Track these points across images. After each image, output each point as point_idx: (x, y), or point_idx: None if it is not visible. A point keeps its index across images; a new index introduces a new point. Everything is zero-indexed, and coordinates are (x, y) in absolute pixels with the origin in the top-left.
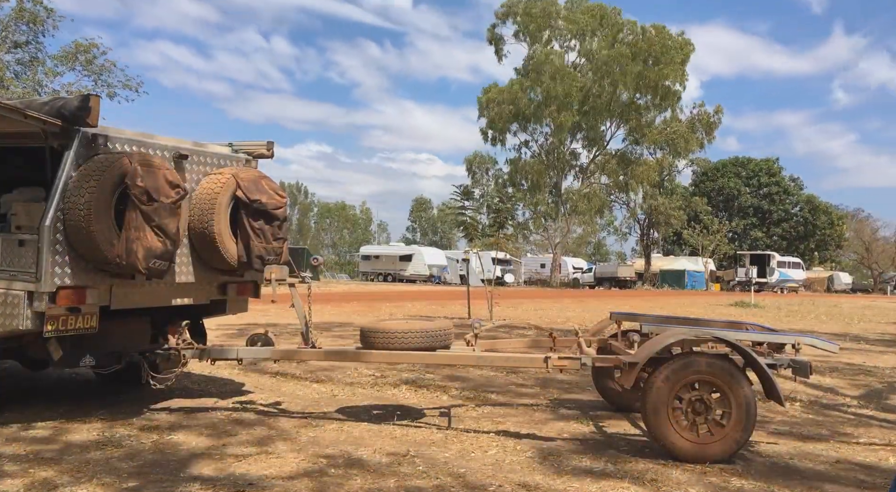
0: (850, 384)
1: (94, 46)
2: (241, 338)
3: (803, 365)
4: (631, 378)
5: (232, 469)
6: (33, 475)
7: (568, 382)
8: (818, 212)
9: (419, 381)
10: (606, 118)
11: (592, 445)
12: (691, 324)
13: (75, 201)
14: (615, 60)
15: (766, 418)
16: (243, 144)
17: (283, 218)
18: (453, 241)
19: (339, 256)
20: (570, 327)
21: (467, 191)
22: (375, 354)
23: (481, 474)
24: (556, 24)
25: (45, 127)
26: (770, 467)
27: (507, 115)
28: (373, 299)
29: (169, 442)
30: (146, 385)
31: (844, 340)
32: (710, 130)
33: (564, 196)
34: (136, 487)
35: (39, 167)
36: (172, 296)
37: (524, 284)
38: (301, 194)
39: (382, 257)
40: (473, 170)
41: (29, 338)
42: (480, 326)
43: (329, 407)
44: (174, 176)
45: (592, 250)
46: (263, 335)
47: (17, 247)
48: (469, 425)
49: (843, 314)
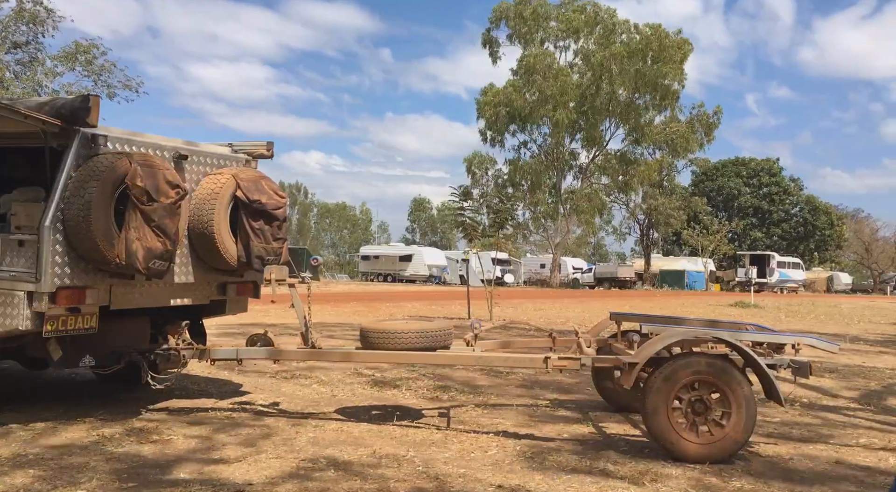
0: (849, 385)
1: (94, 47)
2: (241, 338)
3: (803, 365)
4: (631, 378)
5: (232, 470)
6: (32, 475)
7: (567, 382)
8: (818, 212)
9: (419, 381)
10: (605, 118)
11: (592, 445)
12: (692, 324)
13: (75, 201)
14: (612, 60)
15: (765, 418)
16: (243, 145)
17: (283, 218)
18: (453, 241)
19: (339, 257)
20: (569, 327)
21: (467, 191)
22: (375, 355)
23: (481, 475)
24: (547, 25)
25: (45, 127)
26: (770, 468)
27: (505, 116)
28: (372, 300)
29: (168, 443)
30: (146, 385)
31: (844, 341)
32: (709, 130)
33: (564, 196)
34: (134, 487)
35: (39, 167)
36: (172, 296)
37: (524, 284)
38: (301, 194)
39: (382, 258)
40: (473, 170)
41: (29, 338)
42: (480, 326)
43: (329, 407)
44: (174, 176)
45: (592, 251)
46: (263, 335)
47: (17, 247)
48: (469, 426)
49: (843, 315)
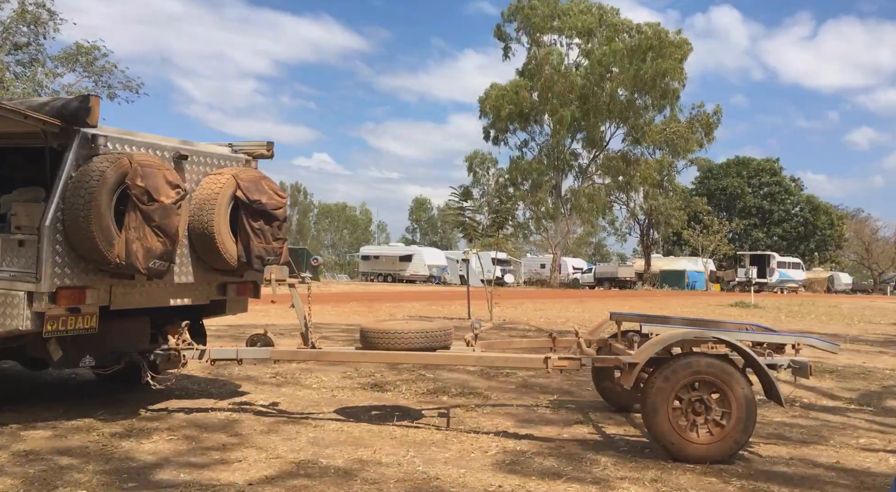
0: (849, 385)
1: (94, 48)
2: (241, 338)
3: (803, 366)
4: (631, 378)
5: (232, 470)
6: (32, 475)
7: (567, 382)
8: (818, 212)
9: (419, 381)
10: (606, 118)
11: (592, 445)
12: (694, 324)
13: (75, 201)
14: (613, 59)
15: (765, 418)
16: (243, 145)
17: (283, 218)
18: (453, 241)
19: (339, 257)
20: (569, 327)
21: (467, 191)
22: (376, 355)
23: (481, 475)
24: (555, 24)
25: (45, 127)
26: (769, 468)
27: (508, 114)
28: (372, 300)
29: (168, 443)
30: (146, 385)
31: (844, 341)
32: (709, 130)
33: (565, 196)
34: (134, 487)
35: (39, 167)
36: (172, 296)
37: (524, 284)
38: (301, 195)
39: (382, 258)
40: (474, 169)
41: (29, 338)
42: (480, 326)
43: (328, 408)
44: (174, 176)
45: (593, 251)
46: (263, 335)
47: (17, 247)
48: (469, 426)
49: (843, 315)
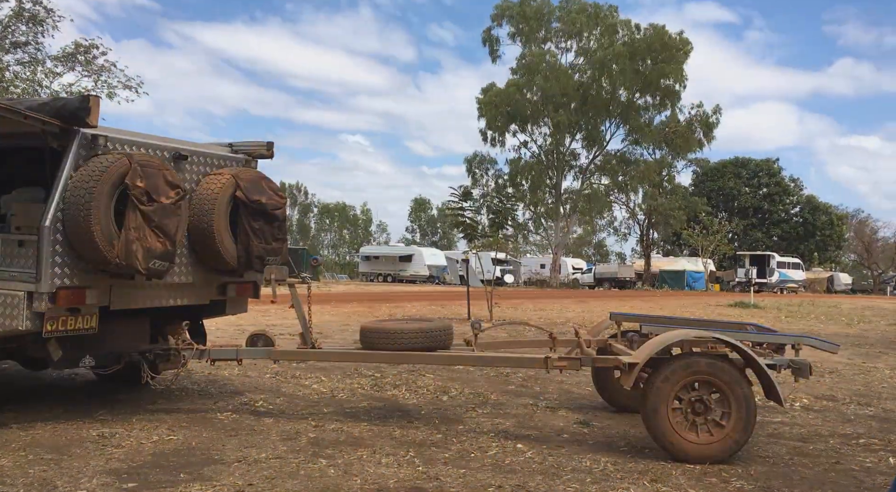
0: (849, 385)
1: (94, 47)
2: (241, 338)
3: (803, 366)
4: (631, 379)
5: (232, 470)
6: (32, 476)
7: (567, 382)
8: (818, 212)
9: (419, 381)
10: (605, 118)
11: (592, 445)
12: (694, 325)
13: (75, 201)
14: (613, 59)
15: (765, 418)
16: (243, 145)
17: (283, 218)
18: (453, 241)
19: (339, 257)
20: (569, 327)
21: (467, 191)
22: (376, 355)
23: (481, 475)
24: (549, 24)
25: (45, 127)
26: (769, 468)
27: (506, 115)
28: (372, 300)
29: (168, 443)
30: (146, 385)
31: (844, 341)
32: (708, 130)
33: (564, 196)
34: (134, 488)
35: (39, 167)
36: (172, 296)
37: (524, 284)
38: (301, 194)
39: (382, 258)
40: (473, 170)
41: (29, 338)
42: (480, 326)
43: (329, 408)
44: (174, 176)
45: (593, 251)
46: (263, 335)
47: (16, 247)
48: (469, 426)
49: (843, 315)
